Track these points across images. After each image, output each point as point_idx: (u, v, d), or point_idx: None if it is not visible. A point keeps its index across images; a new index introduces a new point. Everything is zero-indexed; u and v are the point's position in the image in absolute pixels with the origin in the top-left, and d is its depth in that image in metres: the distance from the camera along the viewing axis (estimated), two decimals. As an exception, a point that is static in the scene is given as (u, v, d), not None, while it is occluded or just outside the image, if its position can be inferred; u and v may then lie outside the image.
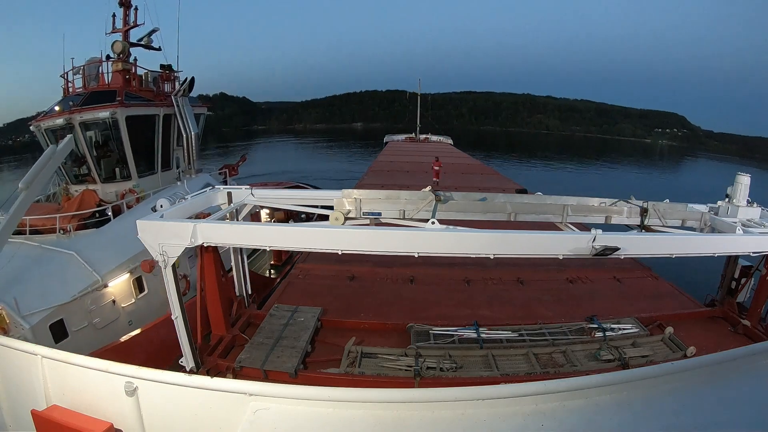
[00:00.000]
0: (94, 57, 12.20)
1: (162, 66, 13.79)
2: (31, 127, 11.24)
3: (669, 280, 7.98)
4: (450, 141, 41.93)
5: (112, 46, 12.03)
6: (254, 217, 8.93)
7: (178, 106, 12.47)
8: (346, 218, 5.04)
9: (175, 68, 13.97)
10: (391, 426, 2.52)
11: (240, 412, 2.73)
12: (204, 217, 5.09)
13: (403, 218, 5.30)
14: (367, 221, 5.29)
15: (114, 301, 8.68)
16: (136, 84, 12.53)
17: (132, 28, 12.73)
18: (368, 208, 5.32)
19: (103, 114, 10.69)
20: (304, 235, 4.42)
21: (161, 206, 4.86)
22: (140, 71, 12.98)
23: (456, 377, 4.90)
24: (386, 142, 39.27)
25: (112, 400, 3.02)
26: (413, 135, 43.37)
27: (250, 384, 2.86)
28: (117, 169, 11.53)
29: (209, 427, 2.97)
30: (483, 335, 5.63)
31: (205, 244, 4.63)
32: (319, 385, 2.82)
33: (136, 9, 12.69)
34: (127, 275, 8.98)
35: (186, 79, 13.00)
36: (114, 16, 12.53)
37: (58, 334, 7.48)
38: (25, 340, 5.77)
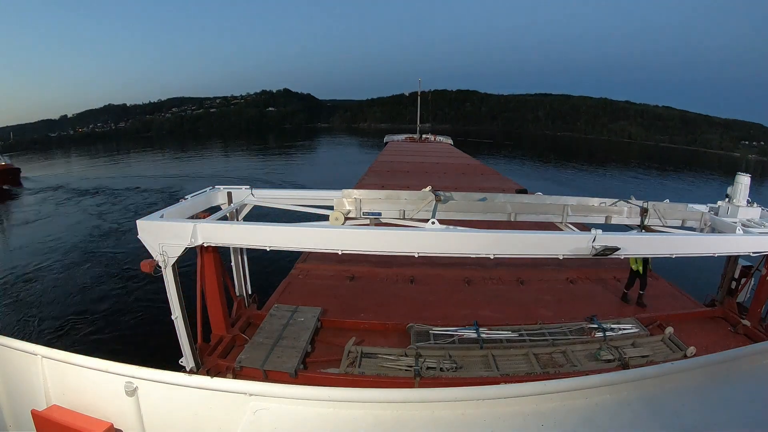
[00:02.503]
0: None
1: None
2: None
3: (669, 280, 7.99)
4: (450, 141, 41.93)
5: None
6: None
7: None
8: (346, 218, 5.04)
9: None
10: (391, 426, 2.52)
11: (240, 412, 2.73)
12: (204, 217, 5.09)
13: (403, 218, 5.29)
14: (367, 221, 5.29)
15: None
16: None
17: None
18: (368, 208, 5.32)
19: None
20: (304, 235, 4.42)
21: None
22: None
23: (456, 377, 4.90)
24: (386, 142, 39.27)
25: (112, 400, 3.02)
26: (413, 135, 43.38)
27: (250, 384, 2.86)
28: None
29: (209, 427, 2.97)
30: (483, 335, 5.63)
31: (205, 244, 4.63)
32: (319, 385, 2.82)
33: None
34: None
35: None
36: None
37: None
38: None
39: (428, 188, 5.55)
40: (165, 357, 4.71)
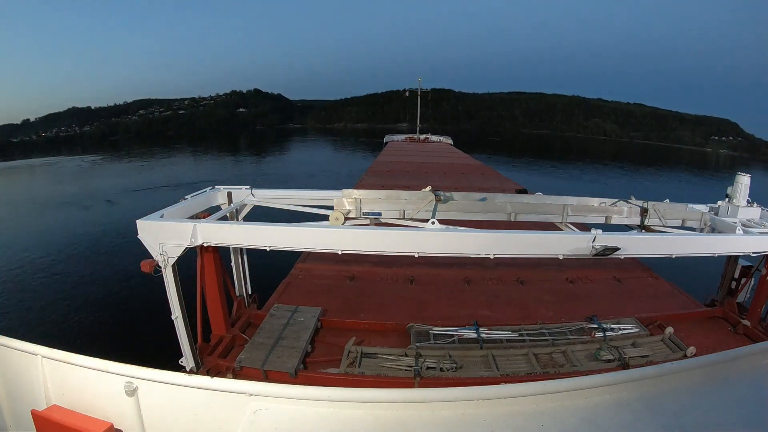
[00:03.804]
0: None
1: None
2: None
3: (669, 280, 7.99)
4: (450, 141, 41.90)
5: None
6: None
7: None
8: (346, 218, 5.04)
9: None
10: (391, 426, 2.52)
11: (240, 412, 2.73)
12: (204, 217, 5.09)
13: (403, 218, 5.29)
14: (367, 221, 5.29)
15: None
16: None
17: None
18: (368, 208, 5.32)
19: None
20: (304, 235, 4.42)
21: None
22: None
23: (456, 377, 4.90)
24: (386, 142, 39.25)
25: (112, 400, 3.02)
26: (413, 135, 43.35)
27: (250, 384, 2.87)
28: None
29: (209, 427, 2.97)
30: (483, 335, 5.63)
31: (205, 244, 4.63)
32: (319, 385, 2.82)
33: None
34: None
35: None
36: None
37: None
38: None
39: (428, 188, 5.55)
40: (165, 357, 4.71)
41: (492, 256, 4.35)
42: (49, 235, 21.53)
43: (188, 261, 4.74)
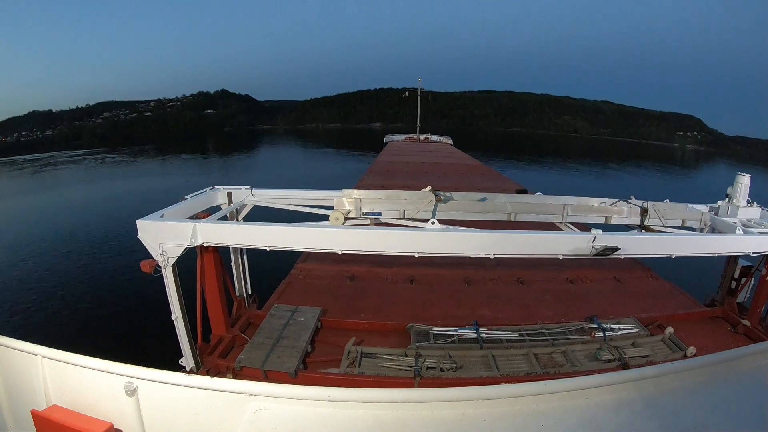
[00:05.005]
0: None
1: None
2: None
3: (669, 280, 7.99)
4: (450, 141, 41.88)
5: None
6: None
7: None
8: (346, 218, 5.04)
9: None
10: (391, 426, 2.52)
11: (240, 412, 2.73)
12: (204, 217, 5.09)
13: (403, 218, 5.29)
14: (367, 221, 5.29)
15: None
16: None
17: None
18: (368, 208, 5.32)
19: None
20: (304, 235, 4.42)
21: None
22: None
23: (456, 377, 4.90)
24: (386, 143, 39.24)
25: (112, 400, 3.02)
26: (413, 135, 43.31)
27: (250, 384, 2.87)
28: None
29: (209, 427, 2.97)
30: (483, 335, 5.63)
31: (205, 244, 4.63)
32: (319, 385, 2.82)
33: None
34: None
35: None
36: None
37: None
38: None
39: (428, 188, 5.55)
40: (165, 357, 4.71)
41: (492, 256, 4.35)
42: (49, 236, 21.53)
43: (188, 261, 4.75)
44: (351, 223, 5.13)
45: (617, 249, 4.37)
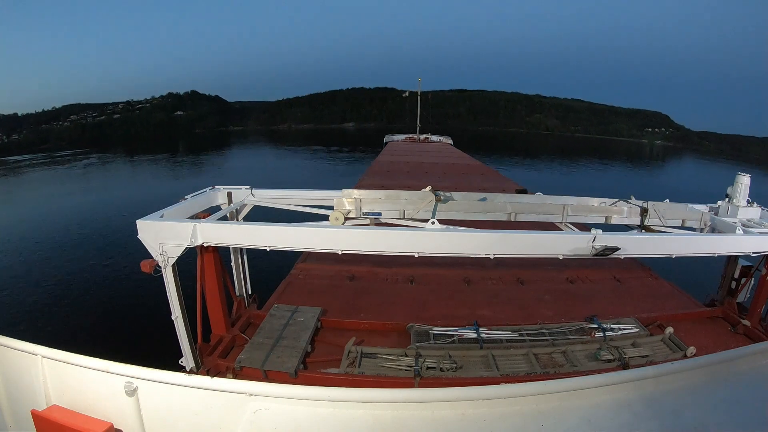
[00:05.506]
0: None
1: None
2: None
3: (669, 280, 7.99)
4: (450, 141, 41.90)
5: None
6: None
7: None
8: (346, 218, 5.04)
9: None
10: (391, 426, 2.52)
11: (240, 412, 2.73)
12: (204, 217, 5.09)
13: (403, 218, 5.30)
14: (367, 221, 5.29)
15: None
16: None
17: None
18: (368, 208, 5.32)
19: None
20: (304, 235, 4.42)
21: None
22: None
23: (456, 377, 4.90)
24: (386, 142, 39.26)
25: (112, 400, 3.02)
26: (413, 135, 43.31)
27: (250, 384, 2.87)
28: None
29: (209, 427, 2.97)
30: (483, 335, 5.63)
31: (205, 244, 4.63)
32: (319, 385, 2.82)
33: None
34: None
35: None
36: None
37: None
38: None
39: (428, 188, 5.55)
40: (165, 357, 4.71)
41: (492, 256, 4.35)
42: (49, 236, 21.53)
43: (188, 261, 4.74)
44: (351, 223, 5.13)
45: (617, 249, 4.37)
